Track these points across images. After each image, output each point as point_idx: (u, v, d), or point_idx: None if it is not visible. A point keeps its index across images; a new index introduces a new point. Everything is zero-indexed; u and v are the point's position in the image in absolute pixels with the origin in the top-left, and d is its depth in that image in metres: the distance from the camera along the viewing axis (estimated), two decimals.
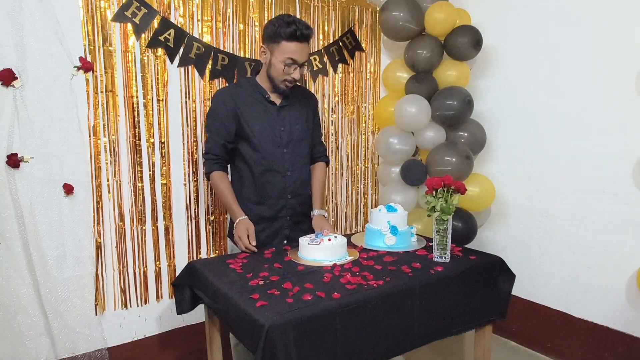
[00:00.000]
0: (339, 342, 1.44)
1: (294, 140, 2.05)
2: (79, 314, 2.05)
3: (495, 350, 2.22)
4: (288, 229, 2.08)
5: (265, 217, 2.03)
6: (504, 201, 2.75)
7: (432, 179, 1.82)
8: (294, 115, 2.06)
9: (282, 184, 2.02)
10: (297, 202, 2.08)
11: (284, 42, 1.86)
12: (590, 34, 2.31)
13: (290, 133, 2.04)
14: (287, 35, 1.84)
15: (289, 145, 2.04)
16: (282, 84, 1.95)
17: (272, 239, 2.05)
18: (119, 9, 2.04)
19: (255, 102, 2.00)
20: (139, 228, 2.19)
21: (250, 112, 1.99)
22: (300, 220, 2.12)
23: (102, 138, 2.06)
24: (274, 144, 2.00)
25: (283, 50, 1.87)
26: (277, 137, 2.01)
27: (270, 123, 2.00)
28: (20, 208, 1.86)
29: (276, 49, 1.88)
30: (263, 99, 2.01)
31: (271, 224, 2.05)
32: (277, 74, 1.93)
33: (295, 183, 2.06)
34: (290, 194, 2.05)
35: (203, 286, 1.74)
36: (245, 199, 2.03)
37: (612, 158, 2.26)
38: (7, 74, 1.79)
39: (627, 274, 2.24)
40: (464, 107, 2.51)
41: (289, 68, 1.90)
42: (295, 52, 1.87)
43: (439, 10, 2.53)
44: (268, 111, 2.01)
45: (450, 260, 1.84)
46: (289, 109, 2.06)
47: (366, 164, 3.00)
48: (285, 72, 1.91)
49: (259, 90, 2.01)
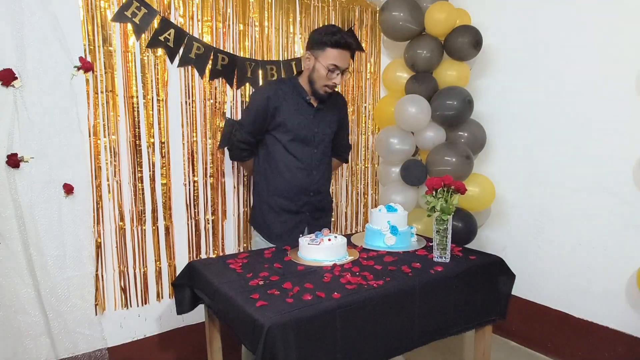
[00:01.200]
0: (339, 342, 1.44)
1: (324, 142, 2.17)
2: (79, 314, 2.04)
3: (495, 350, 2.22)
4: (306, 224, 2.18)
5: (287, 209, 2.14)
6: (504, 201, 2.75)
7: (432, 179, 1.82)
8: (328, 118, 2.18)
9: (307, 182, 2.13)
10: (319, 199, 2.20)
11: (328, 49, 1.97)
12: (591, 34, 2.31)
13: (323, 135, 2.16)
14: (333, 42, 1.96)
15: (319, 146, 2.15)
16: (322, 89, 2.05)
17: (292, 232, 2.15)
18: (119, 9, 2.04)
19: (295, 101, 2.10)
20: (139, 228, 2.19)
21: (290, 109, 2.08)
22: (319, 216, 2.23)
23: (102, 138, 2.06)
24: (306, 143, 2.11)
25: (327, 56, 1.98)
26: (311, 137, 2.12)
27: (306, 123, 2.10)
28: (20, 208, 1.86)
29: (321, 55, 1.99)
30: (302, 99, 2.11)
31: (292, 217, 2.16)
32: (319, 79, 2.03)
33: (319, 182, 2.17)
34: (313, 192, 2.16)
35: (203, 286, 1.74)
36: (271, 191, 2.14)
37: (612, 158, 2.26)
38: (7, 74, 1.79)
39: (627, 274, 2.24)
40: (464, 107, 2.51)
41: (332, 73, 2.01)
42: (339, 59, 1.98)
43: (439, 10, 2.53)
44: (305, 111, 2.11)
45: (450, 260, 1.84)
46: (324, 112, 2.17)
47: (366, 164, 3.00)
48: (328, 77, 2.01)
49: (300, 91, 2.11)
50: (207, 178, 2.36)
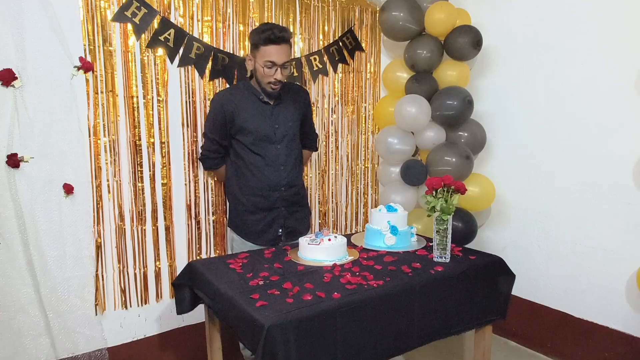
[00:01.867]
0: (339, 342, 1.44)
1: (287, 136, 2.17)
2: (79, 314, 2.04)
3: (495, 350, 2.22)
4: (283, 218, 2.20)
5: (261, 207, 2.16)
6: (504, 201, 2.75)
7: (432, 179, 1.82)
8: (287, 113, 2.19)
9: (277, 178, 2.15)
10: (291, 194, 2.21)
11: (262, 47, 2.00)
12: (590, 34, 2.31)
13: (285, 130, 2.16)
14: (264, 40, 1.98)
15: (282, 141, 2.16)
16: (267, 87, 2.08)
17: (269, 228, 2.18)
18: (119, 9, 2.04)
19: (250, 103, 2.13)
20: (139, 228, 2.19)
21: (246, 112, 2.11)
22: (295, 210, 2.25)
23: (102, 138, 2.06)
24: (268, 141, 2.13)
25: (262, 54, 2.01)
26: (272, 134, 2.13)
27: (265, 121, 2.13)
28: (20, 208, 1.86)
29: (257, 54, 2.03)
30: (257, 99, 2.13)
31: (267, 214, 2.17)
32: (262, 78, 2.06)
33: (289, 176, 2.18)
34: (284, 187, 2.17)
35: (203, 286, 1.74)
36: (243, 191, 2.17)
37: (612, 158, 2.26)
38: (7, 74, 1.78)
39: (627, 274, 2.24)
40: (464, 107, 2.51)
41: (270, 70, 2.02)
42: (274, 55, 1.99)
43: (439, 10, 2.53)
44: (263, 110, 2.13)
45: (450, 260, 1.84)
46: (282, 107, 2.18)
47: (366, 164, 3.00)
48: (267, 74, 2.03)
49: (253, 92, 2.14)
50: (207, 178, 2.36)
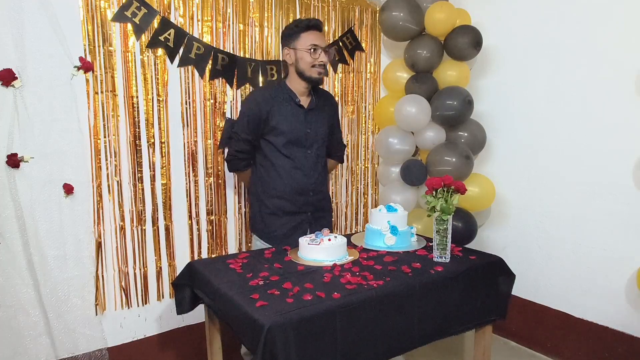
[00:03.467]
0: (339, 342, 1.44)
1: (317, 142, 2.18)
2: (79, 314, 2.05)
3: (495, 350, 2.22)
4: (308, 223, 2.20)
5: (287, 211, 2.15)
6: (504, 201, 2.75)
7: (432, 179, 1.82)
8: (319, 118, 2.20)
9: (305, 182, 2.15)
10: (318, 199, 2.22)
11: (302, 35, 2.05)
12: (591, 34, 2.31)
13: (315, 135, 2.17)
14: (303, 27, 2.05)
15: (312, 146, 2.16)
16: (314, 72, 2.07)
17: (294, 232, 2.16)
18: (119, 9, 2.04)
19: (285, 104, 2.12)
20: (139, 228, 2.19)
21: (281, 112, 2.10)
22: (321, 216, 2.25)
23: (102, 138, 2.06)
24: (299, 145, 2.13)
25: (304, 40, 2.04)
26: (303, 138, 2.13)
27: (298, 125, 2.12)
28: (20, 208, 1.86)
29: (298, 43, 2.05)
30: (293, 102, 2.12)
31: (293, 218, 2.17)
32: (306, 65, 2.06)
33: (317, 181, 2.19)
34: (312, 192, 2.18)
35: (203, 286, 1.74)
36: (270, 194, 2.15)
37: (612, 158, 2.26)
38: (7, 74, 1.79)
39: (627, 274, 2.24)
40: (464, 107, 2.51)
41: (315, 53, 2.04)
42: (316, 39, 2.05)
43: (439, 10, 2.52)
44: (296, 113, 2.13)
45: (450, 260, 1.84)
46: (315, 112, 2.18)
47: (366, 164, 3.00)
48: (313, 57, 2.04)
49: (289, 94, 2.13)
50: (207, 178, 2.36)
